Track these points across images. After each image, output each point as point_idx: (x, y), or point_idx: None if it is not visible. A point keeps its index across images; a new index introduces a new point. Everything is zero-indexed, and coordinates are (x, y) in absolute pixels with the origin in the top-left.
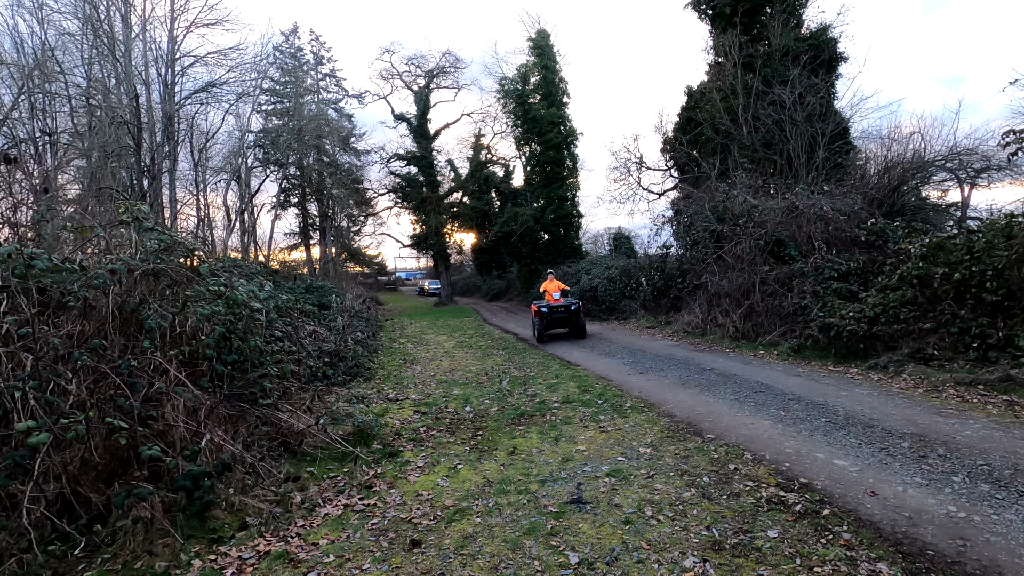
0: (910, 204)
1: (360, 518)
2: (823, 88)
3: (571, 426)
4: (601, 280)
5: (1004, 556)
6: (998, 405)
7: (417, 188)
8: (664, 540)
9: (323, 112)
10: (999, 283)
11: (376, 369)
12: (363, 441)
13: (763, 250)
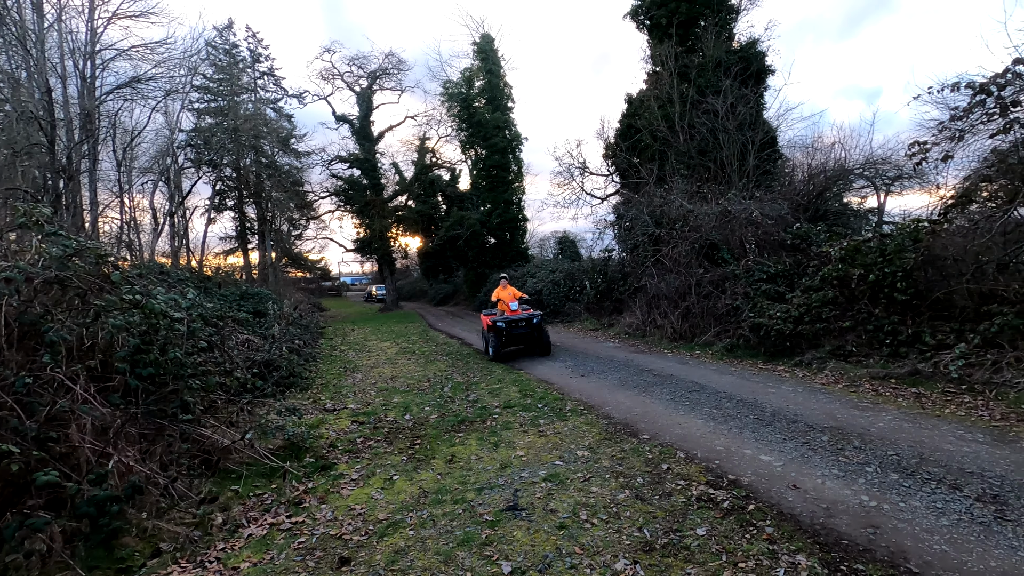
0: (832, 209)
1: (286, 537)
2: (752, 99)
3: (511, 431)
4: (546, 283)
5: (909, 541)
6: (907, 397)
7: (360, 191)
8: (597, 544)
9: (261, 112)
10: (908, 283)
11: (313, 378)
12: (294, 455)
13: (698, 253)
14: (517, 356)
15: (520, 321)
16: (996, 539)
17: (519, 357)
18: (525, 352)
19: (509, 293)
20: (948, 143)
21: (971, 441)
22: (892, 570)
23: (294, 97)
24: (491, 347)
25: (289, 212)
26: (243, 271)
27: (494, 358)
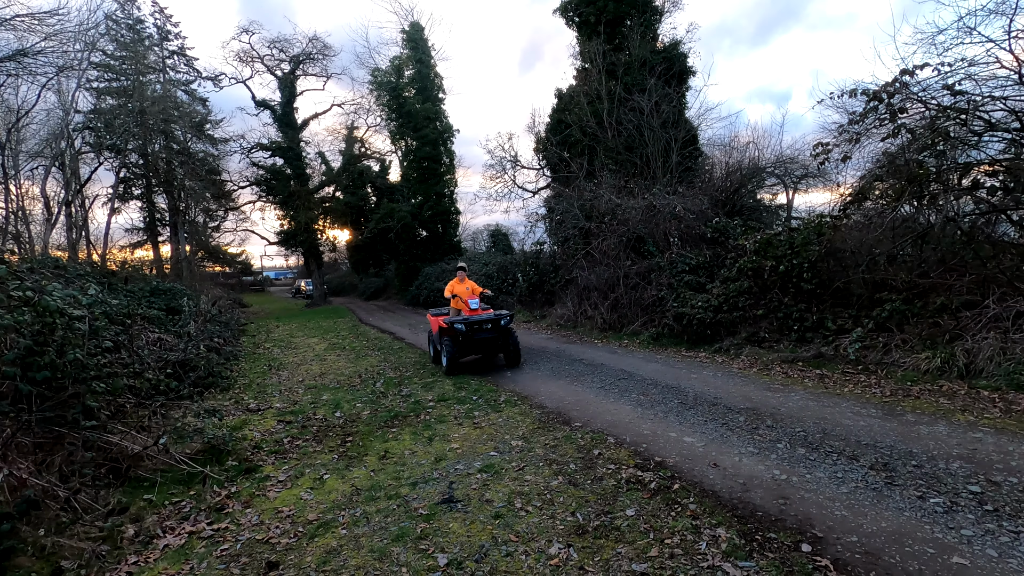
0: (747, 205)
1: (208, 545)
2: (675, 98)
3: (445, 424)
4: (479, 276)
5: (814, 509)
6: (813, 378)
7: (284, 181)
8: (532, 530)
9: (171, 93)
10: (813, 274)
11: (235, 378)
12: (215, 459)
13: (626, 246)
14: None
15: (484, 323)
16: (887, 502)
17: None
18: (486, 362)
19: (467, 288)
20: (847, 145)
21: (866, 416)
22: (800, 536)
23: (209, 79)
24: (445, 355)
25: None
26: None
27: (449, 370)
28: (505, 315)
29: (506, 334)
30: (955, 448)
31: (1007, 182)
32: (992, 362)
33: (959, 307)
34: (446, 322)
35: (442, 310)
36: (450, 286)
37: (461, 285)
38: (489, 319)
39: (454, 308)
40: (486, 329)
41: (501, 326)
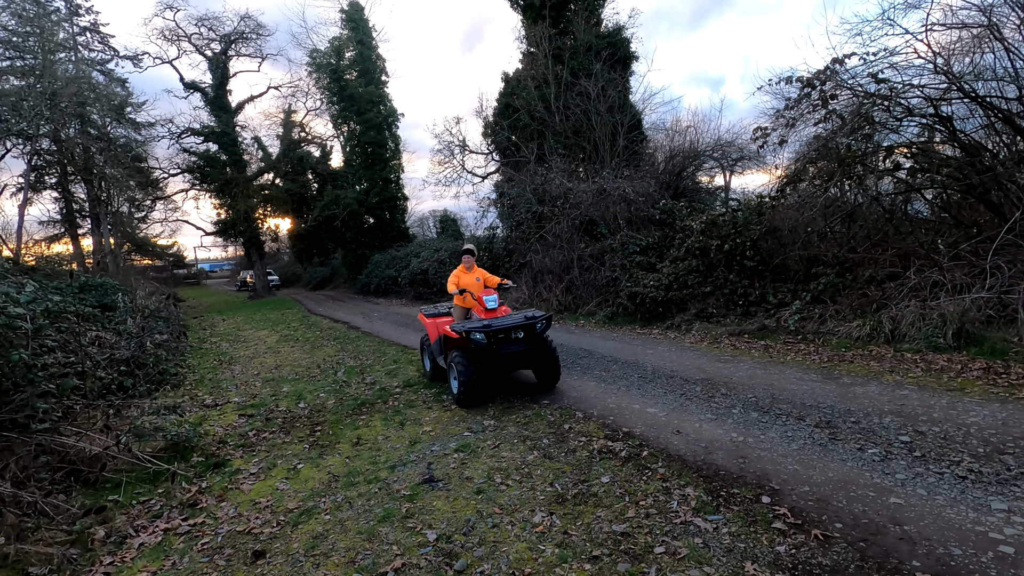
0: (689, 187)
1: (186, 540)
2: (620, 83)
3: (415, 409)
4: (431, 263)
5: (769, 465)
6: (758, 349)
7: (219, 168)
8: (514, 502)
9: (85, 74)
10: (755, 252)
11: (185, 374)
12: (180, 456)
13: (578, 229)
14: (412, 338)
15: (513, 331)
16: (831, 455)
17: (410, 336)
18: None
19: (476, 278)
20: (783, 129)
21: (808, 380)
22: (759, 489)
23: (128, 59)
24: (458, 379)
25: (130, 191)
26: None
27: (465, 401)
28: (540, 317)
29: (543, 345)
30: (886, 405)
31: (922, 163)
32: (913, 327)
33: (884, 279)
34: (456, 330)
35: (439, 308)
36: (454, 276)
37: (469, 275)
38: (519, 324)
39: (461, 308)
40: (516, 340)
41: (537, 334)
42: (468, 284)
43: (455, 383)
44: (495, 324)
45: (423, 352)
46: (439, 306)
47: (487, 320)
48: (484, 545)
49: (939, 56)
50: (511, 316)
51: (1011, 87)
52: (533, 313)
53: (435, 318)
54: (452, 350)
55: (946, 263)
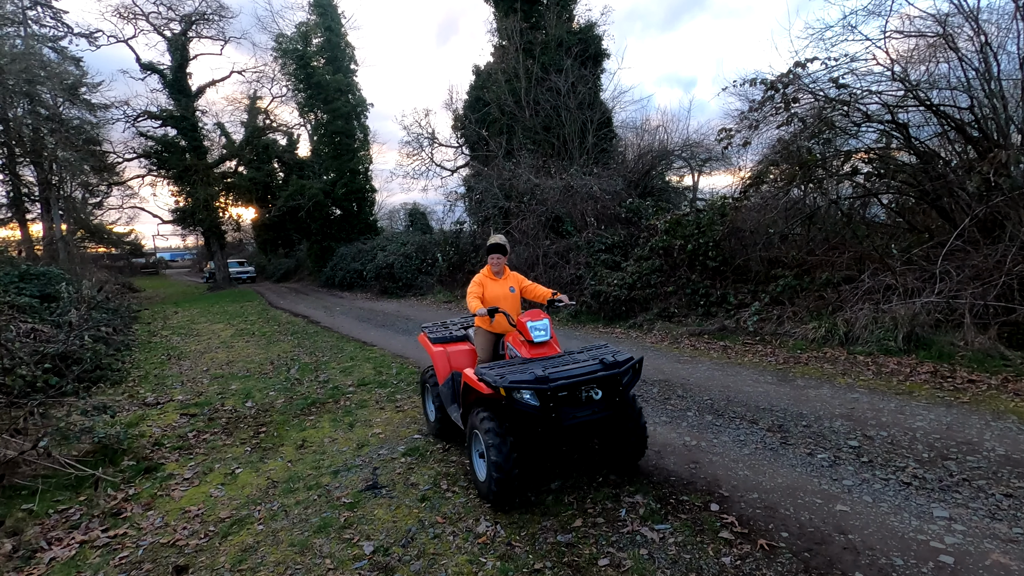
0: (657, 187)
1: (103, 554)
2: (591, 79)
3: (367, 409)
4: (397, 256)
5: (720, 471)
6: (717, 350)
7: (178, 154)
8: (459, 511)
9: (36, 50)
10: (717, 252)
11: (129, 369)
12: (108, 459)
13: (545, 226)
14: (372, 334)
15: (587, 386)
16: (782, 460)
17: (371, 332)
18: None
19: (510, 288)
20: (747, 131)
21: (763, 383)
22: (709, 496)
23: (82, 36)
24: (491, 462)
25: (83, 176)
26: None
27: (499, 497)
28: (626, 363)
29: (625, 409)
30: (837, 408)
31: (879, 169)
32: (866, 330)
33: (840, 281)
34: (490, 382)
35: (450, 327)
36: (476, 286)
37: (499, 283)
38: (593, 375)
39: (487, 332)
40: (589, 402)
41: (621, 391)
42: (498, 298)
43: (481, 465)
44: (554, 374)
45: (424, 392)
46: (450, 325)
47: (536, 363)
48: (423, 558)
49: (896, 64)
50: (571, 357)
51: (963, 96)
52: (612, 353)
53: (445, 344)
54: (477, 407)
55: (899, 267)
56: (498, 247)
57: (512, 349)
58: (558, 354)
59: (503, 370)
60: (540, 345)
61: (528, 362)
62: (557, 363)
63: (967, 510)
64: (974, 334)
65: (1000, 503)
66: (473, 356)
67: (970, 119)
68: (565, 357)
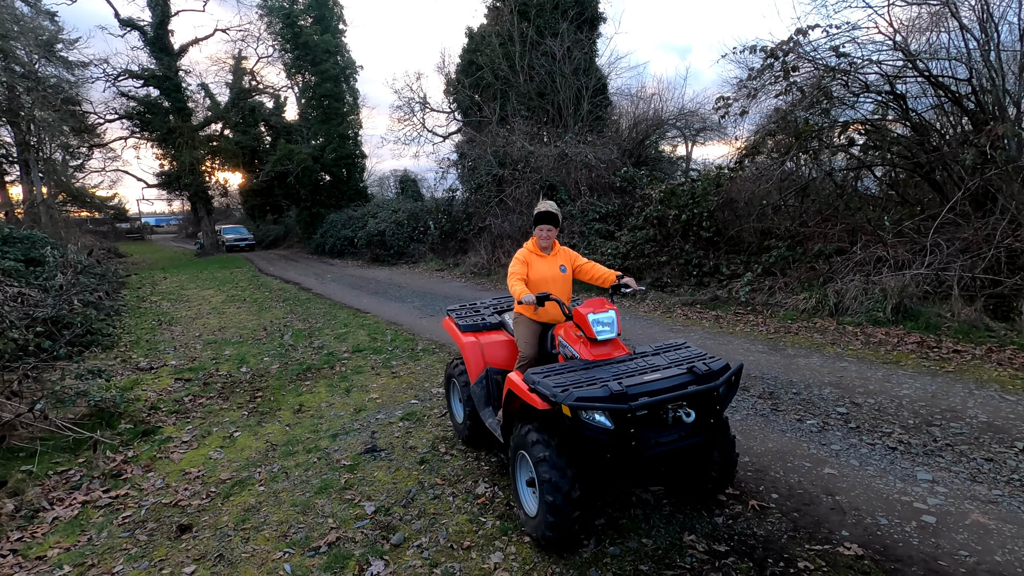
0: (651, 156)
1: (106, 514)
2: (587, 44)
3: (363, 375)
4: (389, 224)
5: None
6: (709, 319)
7: (161, 115)
8: (458, 473)
9: (7, 3)
10: (711, 223)
11: (120, 334)
12: (105, 423)
13: (539, 194)
14: (364, 301)
15: (672, 403)
16: (772, 426)
17: (363, 299)
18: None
19: (560, 267)
20: (745, 100)
21: (755, 351)
22: None
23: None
24: (545, 495)
25: (63, 137)
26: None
27: (556, 537)
28: (721, 373)
29: (717, 433)
30: (826, 376)
31: (874, 140)
32: (856, 301)
33: (832, 253)
34: (548, 394)
35: (482, 311)
36: (519, 264)
37: (547, 261)
38: (679, 387)
39: (530, 321)
40: (677, 425)
41: (718, 411)
42: (546, 280)
43: (529, 496)
44: (633, 388)
45: (450, 388)
46: (481, 308)
47: (602, 368)
48: (424, 517)
49: (898, 33)
50: (645, 361)
51: (962, 68)
52: (702, 358)
53: (477, 333)
54: (526, 422)
55: (890, 239)
56: (548, 216)
57: (567, 346)
58: (627, 355)
59: (562, 378)
60: (604, 343)
61: (591, 367)
62: (631, 370)
63: (949, 473)
64: (961, 305)
65: (981, 467)
66: (512, 349)
67: (968, 91)
68: (639, 360)
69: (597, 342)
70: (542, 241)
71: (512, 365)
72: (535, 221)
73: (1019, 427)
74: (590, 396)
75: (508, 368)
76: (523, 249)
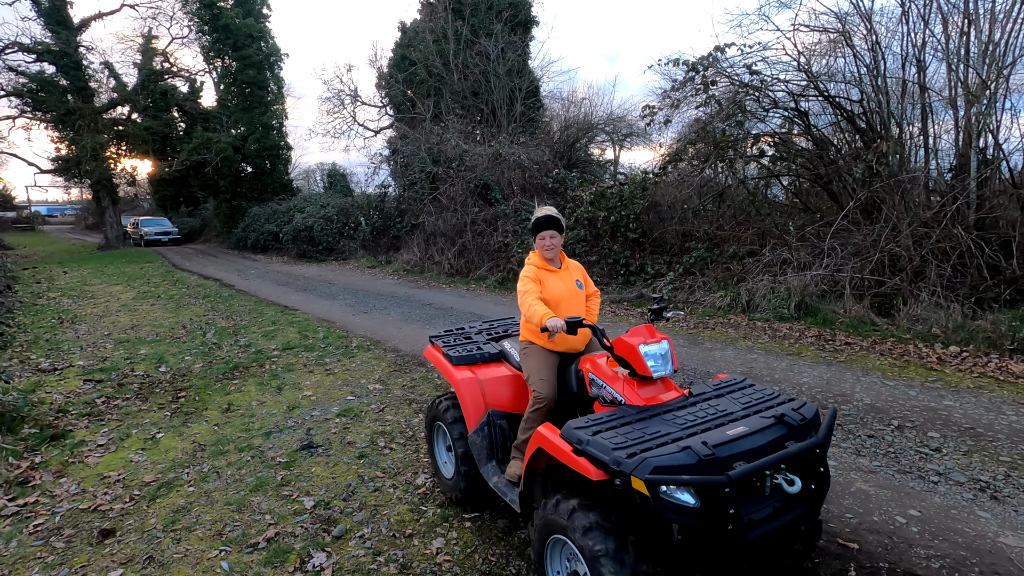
0: (581, 159)
1: (15, 522)
2: (520, 47)
3: (294, 373)
4: (317, 219)
5: None
6: (635, 316)
7: (57, 95)
8: (398, 465)
9: None
10: (637, 224)
11: (14, 333)
12: (6, 427)
13: (473, 193)
14: (293, 298)
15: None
16: None
17: (292, 296)
18: None
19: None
20: (669, 109)
21: (676, 346)
22: None
23: None
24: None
25: None
26: None
27: None
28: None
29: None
30: (738, 367)
31: (782, 152)
32: (765, 299)
33: (744, 255)
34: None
35: (474, 337)
36: (530, 283)
37: (559, 276)
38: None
39: (541, 353)
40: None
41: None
42: (562, 299)
43: None
44: (723, 449)
45: (433, 432)
46: (472, 333)
47: (667, 419)
48: (365, 509)
49: (802, 55)
50: (709, 404)
51: (855, 90)
52: (790, 403)
53: (474, 366)
54: (562, 491)
55: (795, 243)
56: (551, 221)
57: (605, 386)
58: (684, 397)
59: (618, 434)
60: (654, 383)
61: (647, 416)
62: (702, 421)
63: (839, 449)
64: (852, 303)
65: (864, 443)
66: (519, 387)
67: (859, 111)
68: (703, 406)
69: (649, 381)
70: (547, 252)
71: (519, 407)
72: (535, 229)
73: (896, 408)
74: (673, 465)
75: (514, 411)
76: (528, 266)
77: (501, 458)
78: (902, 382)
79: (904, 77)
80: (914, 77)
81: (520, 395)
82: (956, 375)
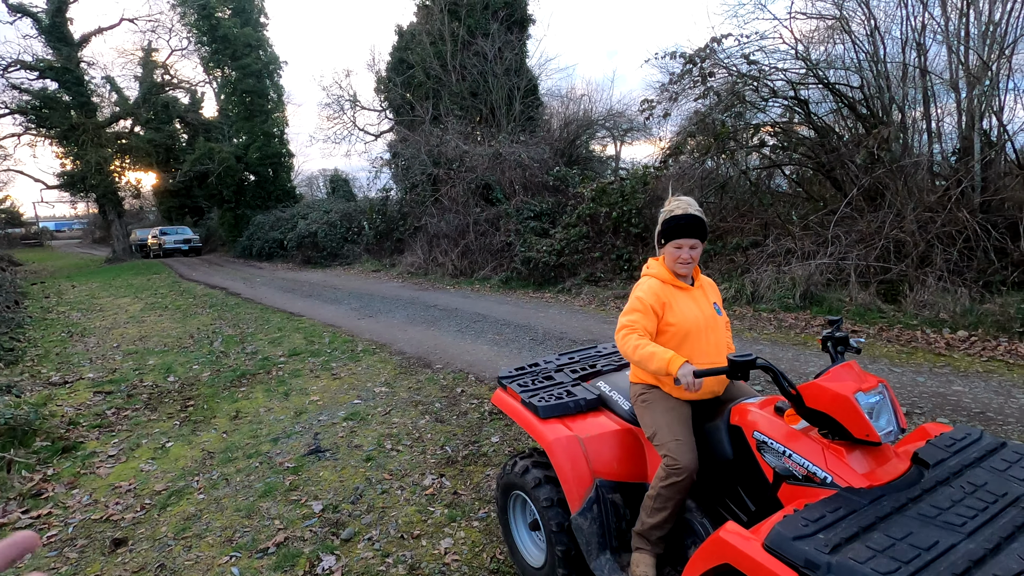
0: (582, 155)
1: None
2: (517, 45)
3: (301, 378)
4: (321, 225)
5: None
6: None
7: (61, 111)
8: (405, 467)
9: None
10: (639, 219)
11: (25, 348)
12: (18, 441)
13: (474, 193)
14: (299, 304)
15: None
16: None
17: (297, 303)
18: None
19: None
20: (668, 103)
21: None
22: None
23: None
24: None
25: None
26: None
27: None
28: None
29: None
30: None
31: (783, 142)
32: (769, 290)
33: (748, 246)
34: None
35: (557, 378)
36: (643, 310)
37: (692, 295)
38: None
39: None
40: None
41: None
42: (694, 329)
43: None
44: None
45: (509, 505)
46: (552, 371)
47: (913, 513)
48: (373, 512)
49: (800, 43)
50: (959, 481)
51: (855, 76)
52: None
53: (566, 419)
54: None
55: (798, 233)
56: (693, 224)
57: (796, 457)
58: (914, 469)
59: (868, 548)
60: (874, 449)
61: (891, 507)
62: (966, 518)
63: None
64: (857, 291)
65: None
66: (632, 445)
67: (860, 98)
68: (949, 489)
69: (868, 447)
70: (682, 267)
71: (634, 474)
72: (665, 232)
73: (904, 395)
74: None
75: (627, 479)
76: (647, 279)
77: (616, 546)
78: (910, 368)
79: (904, 61)
80: (914, 61)
81: (633, 457)
82: (965, 360)
